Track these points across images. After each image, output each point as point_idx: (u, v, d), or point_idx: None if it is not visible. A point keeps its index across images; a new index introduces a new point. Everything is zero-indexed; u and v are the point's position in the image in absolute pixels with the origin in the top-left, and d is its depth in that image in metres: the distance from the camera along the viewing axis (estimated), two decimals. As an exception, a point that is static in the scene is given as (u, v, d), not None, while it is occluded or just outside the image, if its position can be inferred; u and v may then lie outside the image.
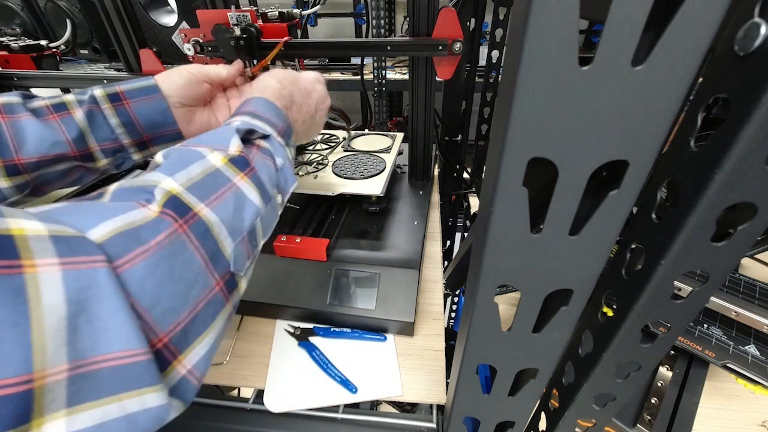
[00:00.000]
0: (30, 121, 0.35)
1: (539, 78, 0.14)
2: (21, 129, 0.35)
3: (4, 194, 0.35)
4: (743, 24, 0.14)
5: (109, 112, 0.38)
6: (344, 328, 0.49)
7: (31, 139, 0.35)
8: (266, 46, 0.53)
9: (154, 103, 0.40)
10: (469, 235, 0.82)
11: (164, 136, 0.42)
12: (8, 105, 0.35)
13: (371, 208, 0.61)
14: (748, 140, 0.15)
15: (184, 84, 0.41)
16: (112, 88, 0.39)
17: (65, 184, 0.40)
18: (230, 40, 0.51)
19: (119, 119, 0.39)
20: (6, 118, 0.35)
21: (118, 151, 0.40)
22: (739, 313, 0.45)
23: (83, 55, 1.77)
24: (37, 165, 0.36)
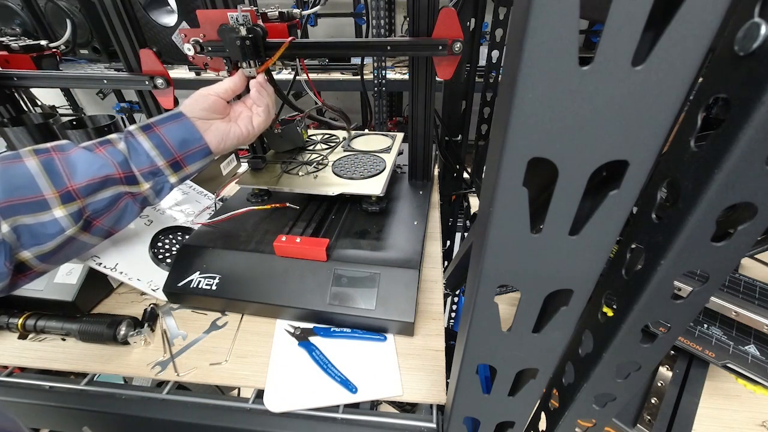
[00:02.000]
0: (80, 152, 0.40)
1: (539, 78, 0.14)
2: (72, 161, 0.39)
3: (62, 225, 0.38)
4: (743, 24, 0.14)
5: (142, 138, 0.44)
6: (344, 328, 0.49)
7: (81, 166, 0.39)
8: (272, 47, 0.53)
9: (180, 123, 0.46)
10: (469, 235, 0.82)
11: (195, 153, 0.46)
12: (60, 146, 0.40)
13: (371, 208, 0.61)
14: (748, 140, 0.15)
15: (198, 100, 0.48)
16: (145, 122, 0.46)
17: (113, 217, 0.43)
18: (236, 40, 0.51)
19: (151, 142, 0.44)
20: (59, 154, 0.39)
21: (156, 174, 0.45)
22: (739, 313, 0.45)
23: (83, 55, 1.77)
24: (87, 188, 0.39)
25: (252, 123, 0.51)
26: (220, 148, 0.48)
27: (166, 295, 0.53)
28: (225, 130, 0.48)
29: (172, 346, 0.48)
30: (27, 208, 0.36)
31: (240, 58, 0.52)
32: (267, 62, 0.53)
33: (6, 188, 0.36)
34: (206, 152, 0.47)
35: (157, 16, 1.55)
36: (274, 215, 0.61)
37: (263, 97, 0.52)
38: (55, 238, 0.38)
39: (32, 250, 0.37)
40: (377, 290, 0.48)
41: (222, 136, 0.48)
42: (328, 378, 0.43)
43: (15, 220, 0.36)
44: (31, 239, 0.37)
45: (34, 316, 0.49)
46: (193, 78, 1.71)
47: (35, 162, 0.37)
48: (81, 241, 0.41)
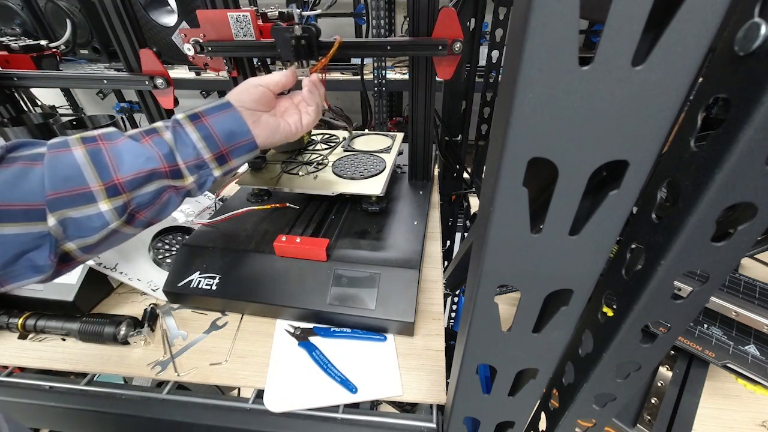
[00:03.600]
0: (127, 142, 0.39)
1: (539, 78, 0.14)
2: (119, 151, 0.38)
3: (106, 219, 0.37)
4: (743, 24, 0.14)
5: (189, 128, 0.42)
6: (344, 328, 0.49)
7: (128, 157, 0.38)
8: (325, 46, 0.53)
9: (228, 114, 0.44)
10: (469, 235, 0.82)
11: (241, 147, 0.44)
12: (107, 134, 0.39)
13: (371, 208, 0.61)
14: (748, 140, 0.15)
15: (246, 89, 0.46)
16: (193, 110, 0.44)
17: (156, 210, 0.42)
18: (290, 39, 0.51)
19: (199, 133, 0.42)
20: (106, 144, 0.38)
21: (201, 167, 0.43)
22: (739, 313, 0.45)
23: (83, 55, 1.77)
24: (132, 182, 0.38)
25: (301, 121, 0.50)
26: (267, 143, 0.46)
27: (166, 295, 0.53)
28: (274, 125, 0.47)
29: (172, 346, 0.48)
30: (74, 201, 0.35)
31: (292, 58, 0.52)
32: (321, 61, 0.53)
33: (54, 179, 0.35)
34: (253, 146, 0.45)
35: (157, 16, 1.55)
36: (274, 215, 0.61)
37: (314, 96, 0.50)
38: (99, 231, 0.37)
39: (77, 242, 0.36)
40: (377, 290, 0.48)
41: (271, 131, 0.46)
42: (328, 378, 0.43)
43: (62, 213, 0.35)
44: (76, 231, 0.36)
45: (34, 316, 0.49)
46: (193, 78, 1.71)
47: (82, 152, 0.36)
48: (123, 233, 0.40)
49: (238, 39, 0.55)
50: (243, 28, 0.54)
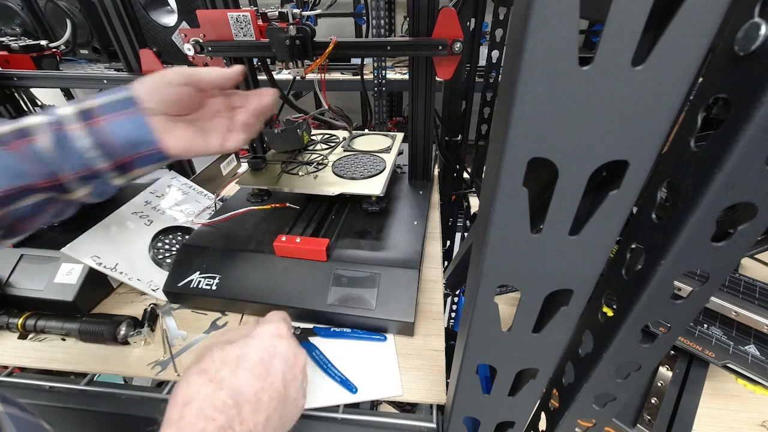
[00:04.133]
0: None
1: (539, 78, 0.14)
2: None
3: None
4: (743, 24, 0.14)
5: (77, 133, 0.33)
6: (344, 328, 0.49)
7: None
8: (320, 46, 0.52)
9: (130, 117, 0.35)
10: (469, 235, 0.82)
11: (145, 156, 0.36)
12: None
13: (371, 208, 0.61)
14: (748, 140, 0.15)
15: (162, 86, 0.36)
16: (84, 103, 0.34)
17: (43, 220, 0.36)
18: (285, 39, 0.50)
19: (90, 139, 0.33)
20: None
21: (95, 178, 0.35)
22: (739, 313, 0.45)
23: (83, 55, 1.77)
24: (4, 201, 0.32)
25: (227, 141, 0.40)
26: (182, 155, 0.38)
27: (166, 295, 0.53)
28: (191, 140, 0.38)
29: (172, 346, 0.48)
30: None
31: (287, 59, 0.51)
32: (316, 61, 0.51)
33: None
34: (161, 158, 0.37)
35: (157, 16, 1.55)
36: (274, 215, 0.61)
37: (261, 116, 0.43)
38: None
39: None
40: (377, 290, 0.48)
41: (187, 146, 0.37)
42: (328, 378, 0.43)
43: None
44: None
45: (34, 316, 0.49)
46: (193, 78, 1.71)
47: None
48: (6, 243, 0.35)
49: (238, 39, 0.55)
50: (243, 28, 0.54)
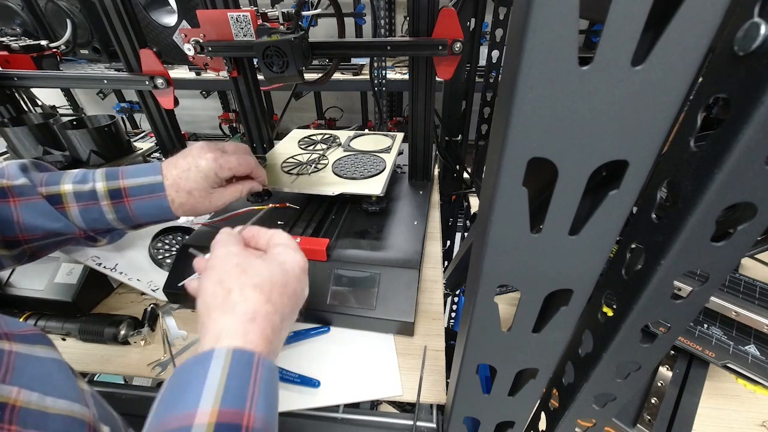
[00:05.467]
0: (40, 204, 0.37)
1: (539, 78, 0.14)
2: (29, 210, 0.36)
3: (2, 263, 0.37)
4: (743, 24, 0.14)
5: (107, 209, 0.39)
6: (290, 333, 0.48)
7: (39, 220, 0.36)
8: (318, 46, 0.52)
9: (156, 201, 0.40)
10: (469, 235, 0.82)
11: (158, 221, 0.43)
12: (19, 188, 0.36)
13: (371, 208, 0.61)
14: (748, 140, 0.15)
15: (188, 169, 0.41)
16: (116, 182, 0.39)
17: (60, 249, 0.43)
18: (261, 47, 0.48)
19: (116, 215, 0.39)
20: (17, 202, 0.36)
21: (112, 231, 0.42)
22: (739, 313, 0.45)
23: (83, 55, 1.77)
24: (41, 239, 0.37)
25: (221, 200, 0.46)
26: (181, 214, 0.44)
27: (166, 295, 0.53)
28: (195, 208, 0.43)
29: (172, 346, 0.48)
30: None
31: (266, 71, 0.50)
32: None
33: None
34: (171, 219, 0.44)
35: (157, 16, 1.55)
36: (274, 215, 0.61)
37: None
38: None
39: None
40: (377, 290, 0.48)
41: (190, 210, 0.43)
42: (290, 385, 0.43)
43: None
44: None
45: (34, 316, 0.49)
46: (193, 78, 1.71)
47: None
48: None
49: (238, 39, 0.55)
50: (243, 28, 0.54)
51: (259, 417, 0.24)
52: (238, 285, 0.29)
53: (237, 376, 0.24)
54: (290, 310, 0.32)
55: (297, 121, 2.54)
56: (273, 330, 0.28)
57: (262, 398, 0.24)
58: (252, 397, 0.24)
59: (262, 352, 0.27)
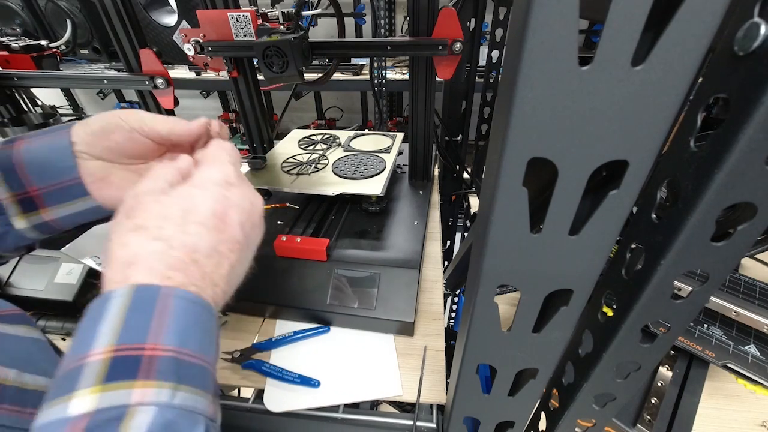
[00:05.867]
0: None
1: (539, 78, 0.14)
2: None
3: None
4: (743, 24, 0.14)
5: None
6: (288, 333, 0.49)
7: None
8: (318, 46, 0.51)
9: (54, 140, 0.30)
10: (469, 235, 0.82)
11: (60, 191, 0.30)
12: None
13: (371, 208, 0.61)
14: (748, 140, 0.15)
15: (97, 130, 0.31)
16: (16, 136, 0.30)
17: None
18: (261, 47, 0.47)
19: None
20: None
21: None
22: (739, 313, 0.45)
23: (83, 55, 1.77)
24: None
25: None
26: (112, 205, 0.32)
27: (166, 295, 0.53)
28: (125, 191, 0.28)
29: (172, 346, 0.48)
30: None
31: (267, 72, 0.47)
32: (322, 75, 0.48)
33: None
34: (78, 194, 0.31)
35: (157, 16, 1.55)
36: (274, 215, 0.61)
37: None
38: None
39: None
40: (377, 290, 0.48)
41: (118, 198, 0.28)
42: (289, 384, 0.43)
43: None
44: None
45: (34, 316, 0.49)
46: (193, 78, 1.71)
47: None
48: None
49: (238, 39, 0.55)
50: (243, 28, 0.54)
51: (167, 345, 0.21)
52: (117, 234, 0.24)
53: (138, 310, 0.21)
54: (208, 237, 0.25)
55: (297, 121, 2.54)
56: (171, 267, 0.23)
57: (172, 328, 0.21)
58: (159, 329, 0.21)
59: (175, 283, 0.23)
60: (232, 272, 0.27)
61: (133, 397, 0.19)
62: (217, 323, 0.25)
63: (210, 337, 0.24)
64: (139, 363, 0.20)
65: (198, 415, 0.21)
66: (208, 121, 0.35)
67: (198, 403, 0.21)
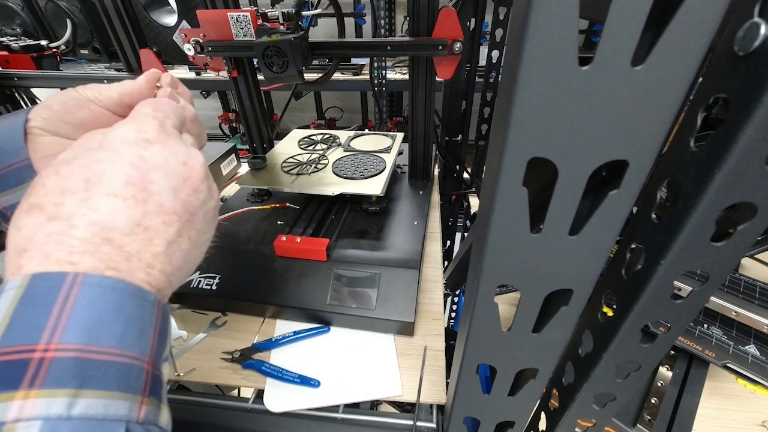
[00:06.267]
0: None
1: (539, 78, 0.14)
2: None
3: None
4: (743, 24, 0.14)
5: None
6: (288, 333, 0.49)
7: None
8: (318, 46, 0.51)
9: (9, 121, 0.28)
10: (469, 235, 0.82)
11: (8, 175, 0.28)
12: None
13: (371, 208, 0.61)
14: (748, 140, 0.15)
15: (56, 107, 0.29)
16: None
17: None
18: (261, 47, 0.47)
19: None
20: None
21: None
22: (739, 313, 0.45)
23: (83, 55, 1.77)
24: None
25: None
26: None
27: (166, 295, 0.53)
28: None
29: (172, 346, 0.48)
30: None
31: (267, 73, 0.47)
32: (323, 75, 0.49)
33: None
34: (26, 175, 0.28)
35: (157, 16, 1.55)
36: (274, 215, 0.61)
37: None
38: None
39: None
40: (377, 290, 0.48)
41: None
42: (289, 385, 0.43)
43: None
44: None
45: None
46: (193, 78, 1.71)
47: None
48: None
49: (238, 39, 0.55)
50: (243, 28, 0.54)
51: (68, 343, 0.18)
52: None
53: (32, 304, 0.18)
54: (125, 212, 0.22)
55: (297, 121, 2.54)
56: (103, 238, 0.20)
57: (76, 322, 0.18)
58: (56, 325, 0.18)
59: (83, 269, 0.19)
60: (175, 249, 0.23)
61: (9, 413, 0.15)
62: (157, 310, 0.21)
63: (141, 328, 0.20)
64: (24, 369, 0.16)
65: (114, 422, 0.18)
66: (156, 73, 0.31)
67: (114, 408, 0.18)
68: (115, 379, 0.18)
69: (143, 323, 0.20)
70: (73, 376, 0.17)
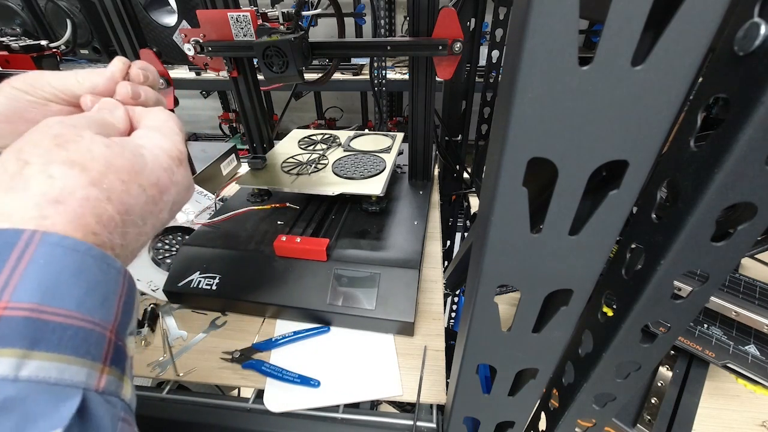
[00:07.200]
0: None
1: (539, 78, 0.14)
2: None
3: None
4: (743, 24, 0.14)
5: None
6: (287, 333, 0.49)
7: None
8: (318, 46, 0.51)
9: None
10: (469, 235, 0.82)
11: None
12: None
13: (371, 208, 0.61)
14: (748, 140, 0.15)
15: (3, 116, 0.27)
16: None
17: None
18: (260, 47, 0.47)
19: None
20: None
21: None
22: (739, 313, 0.45)
23: (83, 55, 1.77)
24: None
25: None
26: None
27: (166, 295, 0.53)
28: None
29: (172, 346, 0.48)
30: None
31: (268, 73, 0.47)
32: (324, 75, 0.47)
33: None
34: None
35: (157, 16, 1.55)
36: (274, 215, 0.61)
37: None
38: None
39: None
40: (377, 290, 0.48)
41: None
42: (289, 385, 0.43)
43: None
44: None
45: None
46: (193, 78, 1.72)
47: None
48: None
49: (238, 39, 0.55)
50: (243, 28, 0.54)
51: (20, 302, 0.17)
52: (42, 159, 0.20)
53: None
54: (143, 204, 0.24)
55: (297, 121, 2.54)
56: (100, 222, 0.21)
57: (30, 281, 0.17)
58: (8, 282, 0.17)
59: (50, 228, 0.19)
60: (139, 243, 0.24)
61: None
62: (123, 279, 0.21)
63: (104, 294, 0.20)
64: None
65: (68, 387, 0.17)
66: (126, 63, 0.31)
67: (69, 373, 0.17)
68: (72, 343, 0.17)
69: (107, 289, 0.20)
70: (22, 336, 0.16)
